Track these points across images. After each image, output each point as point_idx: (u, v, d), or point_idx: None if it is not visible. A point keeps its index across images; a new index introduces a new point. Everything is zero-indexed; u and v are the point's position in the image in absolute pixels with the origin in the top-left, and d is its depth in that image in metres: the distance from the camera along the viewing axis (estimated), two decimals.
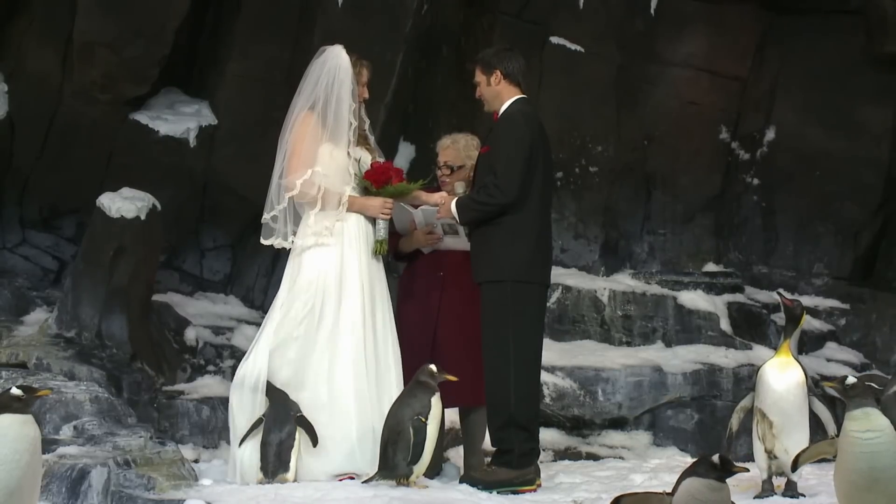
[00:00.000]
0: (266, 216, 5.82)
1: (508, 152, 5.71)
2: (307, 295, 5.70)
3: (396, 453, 5.28)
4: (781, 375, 5.41)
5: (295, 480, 5.45)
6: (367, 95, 5.94)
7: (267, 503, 5.09)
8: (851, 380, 4.60)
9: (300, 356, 5.65)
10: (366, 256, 5.80)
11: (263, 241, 5.88)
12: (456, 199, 5.85)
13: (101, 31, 7.33)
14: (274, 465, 5.47)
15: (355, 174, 5.83)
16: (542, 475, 5.84)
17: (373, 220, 5.86)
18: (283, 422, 5.48)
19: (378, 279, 5.83)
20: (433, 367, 5.47)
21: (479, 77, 5.92)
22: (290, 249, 5.87)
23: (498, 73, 5.85)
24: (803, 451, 5.07)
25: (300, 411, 5.49)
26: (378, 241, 5.83)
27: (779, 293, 6.43)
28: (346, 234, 5.77)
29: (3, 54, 7.66)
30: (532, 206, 5.73)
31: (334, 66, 5.81)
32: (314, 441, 5.48)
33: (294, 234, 5.80)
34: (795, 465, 5.08)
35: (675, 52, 8.79)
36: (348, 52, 5.86)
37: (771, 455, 5.45)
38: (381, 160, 5.98)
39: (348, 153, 5.82)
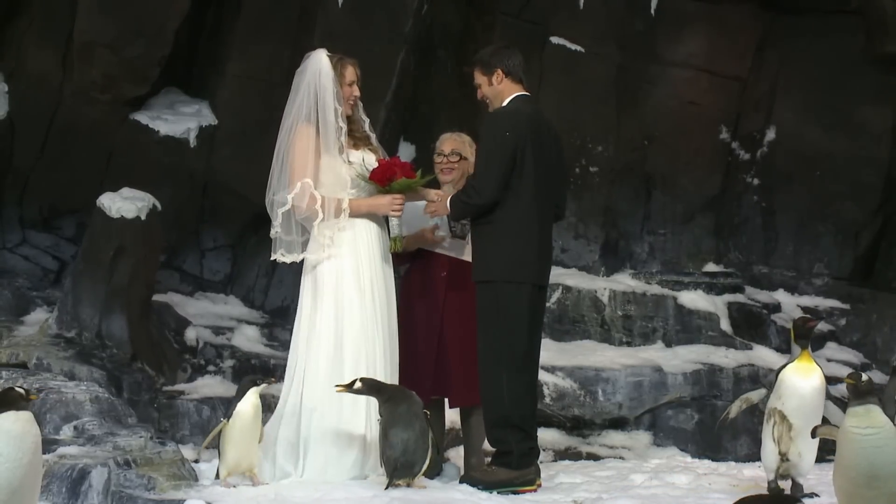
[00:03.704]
0: (271, 232, 5.73)
1: (486, 153, 5.69)
2: (330, 308, 5.63)
3: (416, 451, 5.28)
4: (807, 380, 5.40)
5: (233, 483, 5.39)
6: (357, 94, 5.82)
7: (267, 503, 5.09)
8: (866, 376, 4.61)
9: (331, 368, 5.62)
10: (378, 262, 5.76)
11: (272, 256, 5.77)
12: (451, 195, 5.84)
13: (101, 31, 7.34)
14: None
15: (358, 176, 5.78)
16: (542, 475, 5.83)
17: (385, 220, 5.83)
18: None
19: (390, 283, 5.81)
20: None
21: (480, 78, 5.89)
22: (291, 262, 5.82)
23: (499, 71, 5.82)
24: (819, 426, 5.09)
25: (225, 418, 5.37)
26: (393, 238, 5.79)
27: (804, 315, 6.41)
28: (357, 241, 5.73)
29: (3, 54, 7.67)
30: (521, 204, 5.67)
31: (315, 72, 5.72)
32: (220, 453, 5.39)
33: (300, 247, 5.71)
34: (814, 434, 5.09)
35: (675, 52, 8.79)
36: (330, 54, 5.79)
37: (784, 457, 5.43)
38: (386, 158, 5.94)
39: (343, 159, 5.75)
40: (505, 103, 5.81)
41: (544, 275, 5.84)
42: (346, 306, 5.63)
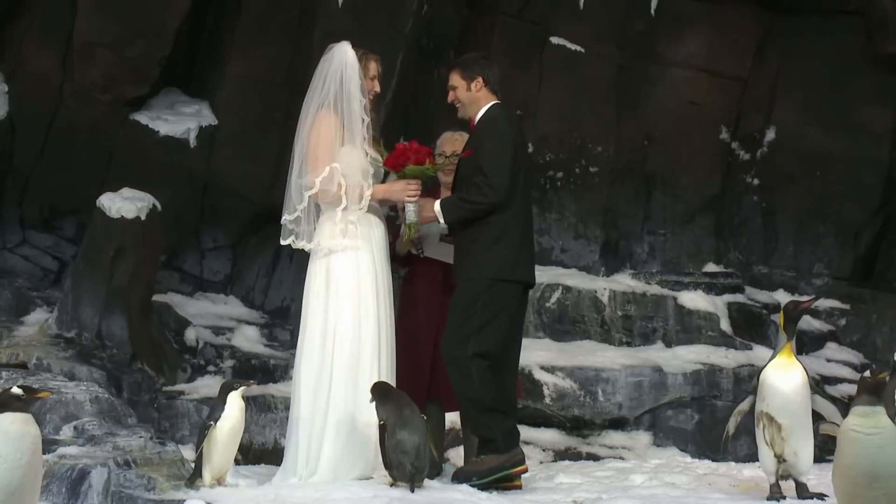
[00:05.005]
0: (287, 217, 5.70)
1: (496, 152, 5.71)
2: (350, 299, 5.62)
3: (425, 456, 5.29)
4: (787, 377, 5.36)
5: (219, 484, 5.35)
6: (377, 89, 5.86)
7: (267, 503, 5.09)
8: (885, 374, 4.62)
9: (351, 360, 5.61)
10: (386, 264, 5.77)
11: (283, 242, 5.73)
12: (440, 199, 5.83)
13: (102, 31, 7.33)
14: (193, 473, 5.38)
15: (374, 170, 5.77)
16: (542, 475, 5.83)
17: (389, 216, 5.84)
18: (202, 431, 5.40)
19: (389, 282, 5.82)
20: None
21: (458, 81, 5.90)
22: (301, 249, 5.80)
23: (480, 79, 5.86)
24: (823, 423, 5.08)
25: (213, 422, 5.32)
26: (408, 224, 5.77)
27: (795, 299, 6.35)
28: (372, 238, 5.73)
29: (4, 55, 7.67)
30: (517, 205, 5.75)
31: (341, 62, 5.74)
32: (196, 454, 5.34)
33: (313, 235, 5.70)
34: (819, 431, 5.08)
35: (675, 52, 8.79)
36: (355, 47, 5.81)
37: (780, 458, 5.40)
38: None
39: (365, 151, 5.74)
40: (483, 110, 5.86)
41: (532, 274, 5.93)
42: (364, 306, 5.62)
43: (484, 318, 5.66)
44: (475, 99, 5.89)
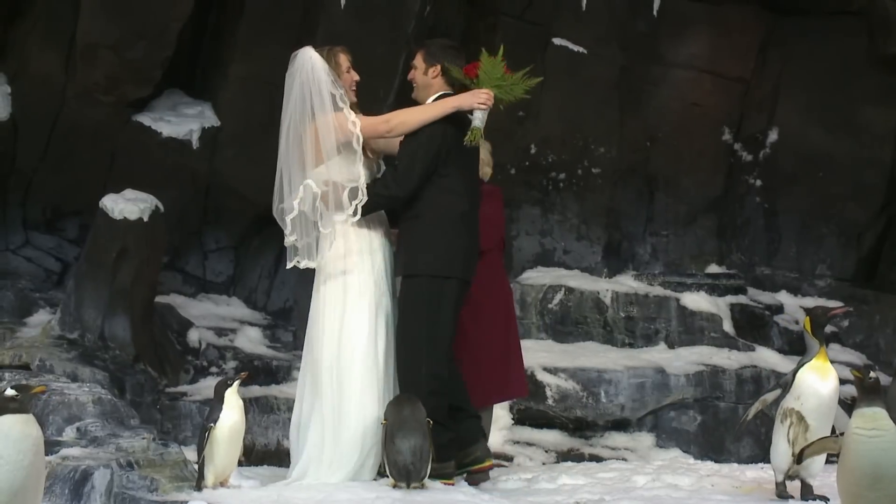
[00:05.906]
0: (288, 240, 5.64)
1: (415, 148, 5.65)
2: (365, 307, 5.60)
3: (423, 458, 5.28)
4: (825, 381, 5.38)
5: (222, 486, 5.36)
6: (356, 78, 5.80)
7: None
8: (874, 374, 4.62)
9: (365, 371, 5.61)
10: (391, 271, 5.76)
11: (289, 265, 5.65)
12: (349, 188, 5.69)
13: (104, 32, 7.34)
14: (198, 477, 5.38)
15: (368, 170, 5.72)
16: (545, 477, 5.81)
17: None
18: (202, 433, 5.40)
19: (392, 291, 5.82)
20: None
21: (419, 63, 5.87)
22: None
23: (439, 67, 5.81)
24: (808, 445, 5.07)
25: (212, 422, 5.32)
26: (473, 128, 5.62)
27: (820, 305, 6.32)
28: (385, 242, 5.72)
29: (7, 56, 7.68)
30: (445, 200, 5.65)
31: (307, 69, 5.67)
32: (198, 456, 5.35)
33: (316, 250, 5.63)
34: (801, 459, 5.07)
35: (677, 53, 8.79)
36: (317, 48, 5.73)
37: (797, 459, 5.41)
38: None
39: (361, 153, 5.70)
40: (432, 98, 5.81)
41: (469, 270, 5.76)
42: (377, 310, 5.61)
43: (431, 318, 5.59)
44: (428, 84, 5.84)
